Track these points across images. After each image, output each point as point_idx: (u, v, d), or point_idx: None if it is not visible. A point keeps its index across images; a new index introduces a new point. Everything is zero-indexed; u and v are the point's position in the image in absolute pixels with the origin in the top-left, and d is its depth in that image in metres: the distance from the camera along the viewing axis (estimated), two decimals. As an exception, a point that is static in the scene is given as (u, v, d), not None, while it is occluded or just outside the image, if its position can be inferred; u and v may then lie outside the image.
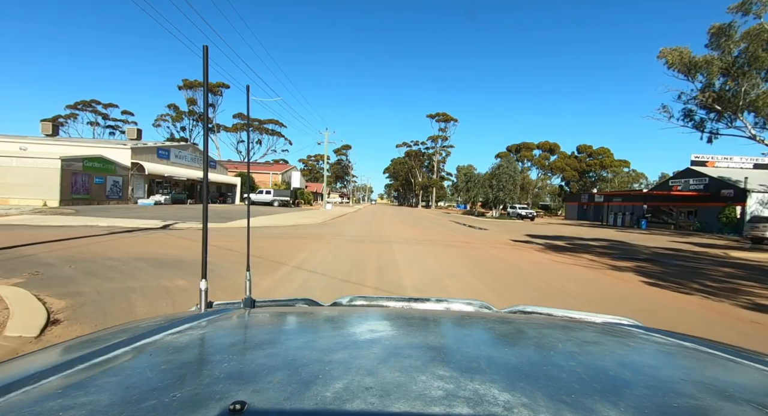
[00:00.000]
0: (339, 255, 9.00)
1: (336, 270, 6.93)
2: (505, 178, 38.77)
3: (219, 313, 1.00)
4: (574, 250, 12.92)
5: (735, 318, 5.08)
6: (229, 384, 0.53)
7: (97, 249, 7.99)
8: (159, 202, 27.73)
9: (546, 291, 6.25)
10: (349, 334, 0.84)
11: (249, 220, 1.36)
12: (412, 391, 0.51)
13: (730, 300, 6.14)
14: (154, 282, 5.41)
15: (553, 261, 9.86)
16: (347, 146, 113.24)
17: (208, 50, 1.11)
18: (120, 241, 9.50)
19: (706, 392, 0.59)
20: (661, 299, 6.03)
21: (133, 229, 12.26)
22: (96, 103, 66.75)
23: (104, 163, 24.01)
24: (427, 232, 18.26)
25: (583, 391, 0.54)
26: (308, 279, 6.12)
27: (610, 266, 9.49)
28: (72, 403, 0.48)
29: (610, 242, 17.26)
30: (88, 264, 6.41)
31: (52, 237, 9.24)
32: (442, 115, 79.24)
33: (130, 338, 0.76)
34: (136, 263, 6.72)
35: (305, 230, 15.35)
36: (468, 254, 10.37)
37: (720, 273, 9.31)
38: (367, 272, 6.98)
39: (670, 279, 7.94)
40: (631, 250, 13.87)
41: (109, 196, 24.66)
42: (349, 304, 1.25)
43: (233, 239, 10.67)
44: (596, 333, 0.92)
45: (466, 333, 0.93)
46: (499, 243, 14.36)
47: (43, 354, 0.73)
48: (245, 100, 1.37)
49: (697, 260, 11.82)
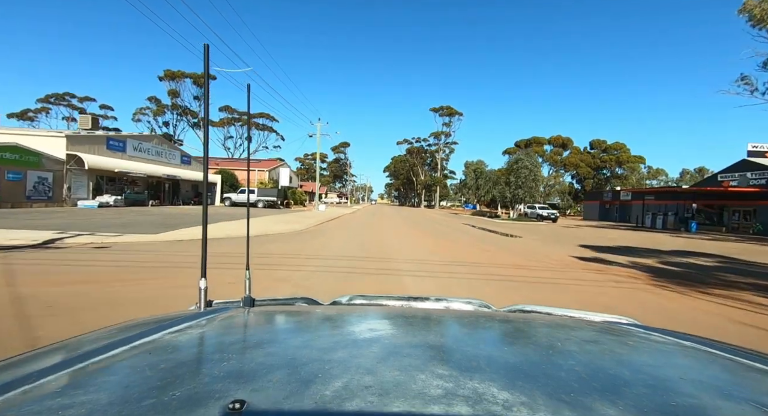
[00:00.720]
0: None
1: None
2: (524, 174, 33.46)
3: (218, 312, 0.99)
4: (711, 283, 7.65)
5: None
6: (228, 382, 0.53)
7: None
8: (105, 204, 22.40)
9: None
10: (349, 333, 0.84)
11: (249, 221, 1.40)
12: (411, 390, 0.51)
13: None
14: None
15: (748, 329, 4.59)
16: (345, 143, 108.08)
17: (209, 49, 1.11)
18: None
19: (706, 391, 0.58)
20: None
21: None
22: (71, 97, 61.26)
23: (22, 154, 18.65)
24: (447, 243, 12.95)
25: (583, 390, 0.54)
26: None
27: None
28: (71, 402, 0.48)
29: (716, 257, 12.00)
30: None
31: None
32: (447, 108, 74.04)
33: (130, 337, 0.75)
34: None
35: (271, 245, 10.17)
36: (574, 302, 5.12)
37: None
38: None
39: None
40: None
41: (32, 197, 19.30)
42: (348, 303, 1.24)
43: (141, 268, 5.37)
44: (595, 332, 0.92)
45: (465, 332, 0.92)
46: (566, 265, 9.10)
47: (41, 353, 0.72)
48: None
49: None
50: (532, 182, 33.26)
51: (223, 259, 7.08)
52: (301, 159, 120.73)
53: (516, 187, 33.33)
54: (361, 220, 24.78)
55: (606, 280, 7.30)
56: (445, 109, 73.94)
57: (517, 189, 33.33)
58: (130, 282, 5.42)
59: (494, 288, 6.04)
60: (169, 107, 60.78)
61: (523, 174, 33.09)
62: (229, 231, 12.20)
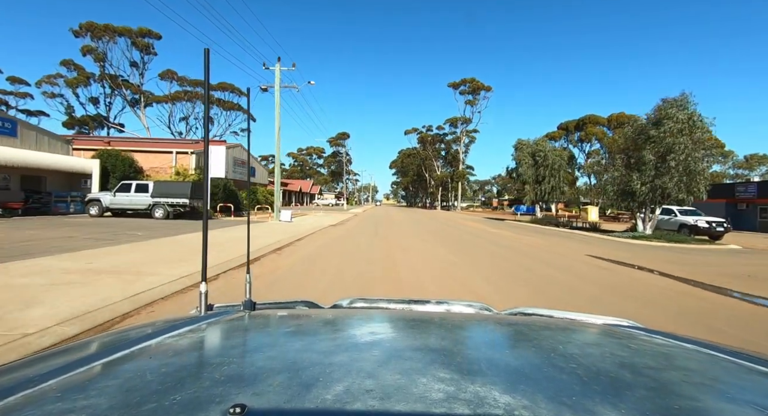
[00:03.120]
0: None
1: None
2: (679, 144, 17.00)
3: (219, 316, 1.00)
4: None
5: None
6: (229, 387, 0.54)
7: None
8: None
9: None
10: (350, 337, 0.84)
11: (249, 222, 1.35)
12: (412, 393, 0.52)
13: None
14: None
15: None
16: (344, 134, 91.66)
17: (209, 53, 1.09)
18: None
19: (708, 394, 0.59)
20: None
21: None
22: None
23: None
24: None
25: (584, 393, 0.55)
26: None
27: None
28: (72, 406, 0.48)
29: None
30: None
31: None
32: (471, 81, 57.66)
33: (130, 341, 0.75)
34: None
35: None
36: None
37: None
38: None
39: None
40: None
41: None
42: (349, 306, 1.24)
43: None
44: (597, 335, 0.93)
45: (466, 335, 0.93)
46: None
47: (42, 358, 0.73)
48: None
49: None
50: (696, 161, 16.73)
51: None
52: (294, 154, 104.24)
53: (662, 172, 16.71)
54: (348, 242, 11.24)
55: None
56: (469, 82, 57.51)
57: (667, 176, 16.74)
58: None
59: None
60: (95, 78, 44.42)
61: (678, 145, 16.58)
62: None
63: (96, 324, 3.75)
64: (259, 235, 12.19)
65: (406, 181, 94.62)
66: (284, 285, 5.87)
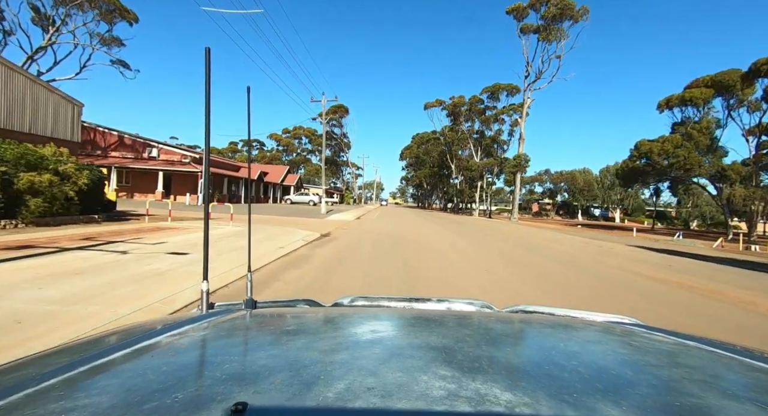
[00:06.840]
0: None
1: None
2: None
3: (220, 314, 0.99)
4: None
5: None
6: (230, 385, 0.53)
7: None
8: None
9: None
10: (351, 335, 0.84)
11: (250, 221, 1.39)
12: (413, 391, 0.51)
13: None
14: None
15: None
16: (340, 106, 67.57)
17: (210, 52, 1.07)
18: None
19: (709, 391, 0.58)
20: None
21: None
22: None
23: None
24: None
25: (586, 390, 0.54)
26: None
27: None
28: (73, 405, 0.48)
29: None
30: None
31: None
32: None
33: (132, 340, 0.75)
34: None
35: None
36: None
37: None
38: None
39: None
40: None
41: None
42: (350, 305, 1.23)
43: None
44: (598, 332, 0.93)
45: (467, 332, 0.91)
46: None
47: (43, 356, 0.72)
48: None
49: None
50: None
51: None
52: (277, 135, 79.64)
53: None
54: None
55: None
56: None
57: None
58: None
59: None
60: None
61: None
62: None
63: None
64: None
65: (421, 174, 71.19)
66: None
